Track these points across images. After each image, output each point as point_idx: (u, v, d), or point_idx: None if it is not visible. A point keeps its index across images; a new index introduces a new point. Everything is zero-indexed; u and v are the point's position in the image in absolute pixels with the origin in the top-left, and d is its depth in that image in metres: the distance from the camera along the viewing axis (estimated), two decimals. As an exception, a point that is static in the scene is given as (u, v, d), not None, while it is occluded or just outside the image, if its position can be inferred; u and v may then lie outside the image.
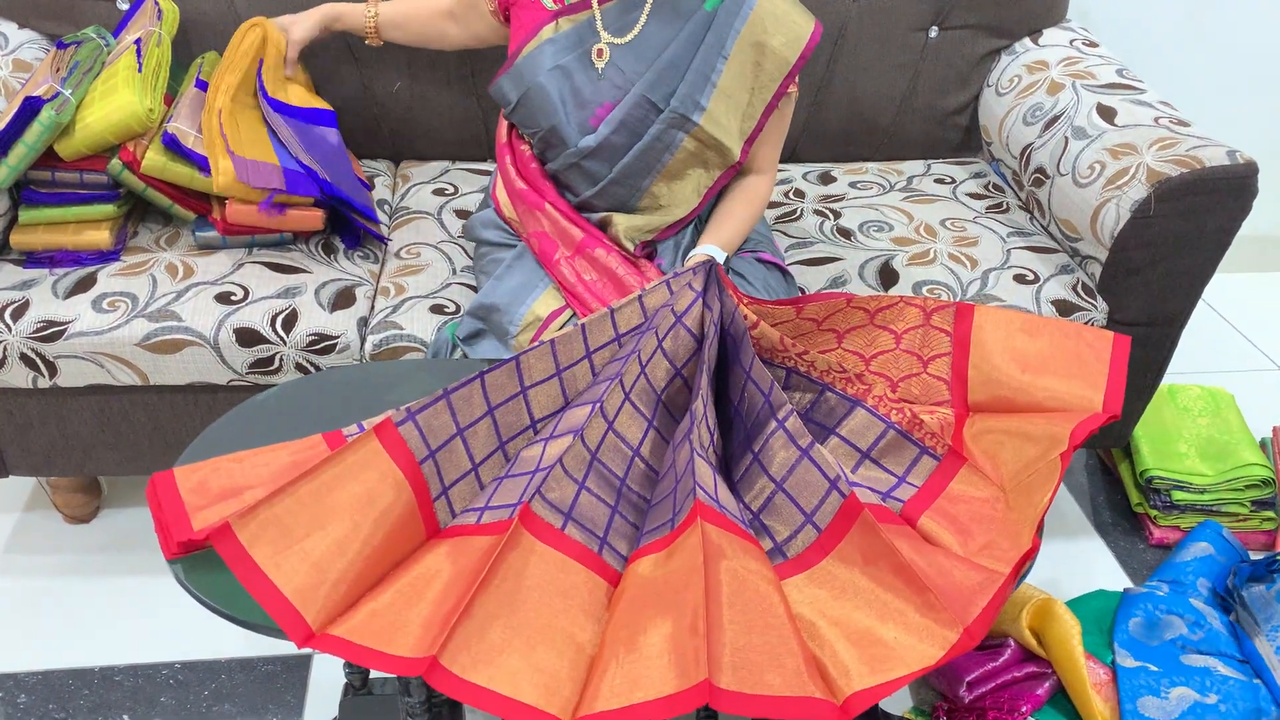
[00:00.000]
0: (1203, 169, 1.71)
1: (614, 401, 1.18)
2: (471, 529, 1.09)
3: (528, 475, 1.12)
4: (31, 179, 1.73)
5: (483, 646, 0.98)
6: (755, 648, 0.97)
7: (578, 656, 1.01)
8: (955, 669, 1.66)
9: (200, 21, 2.00)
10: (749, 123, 1.61)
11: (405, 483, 1.09)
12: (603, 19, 1.56)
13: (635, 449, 1.20)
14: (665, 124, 1.56)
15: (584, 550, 1.10)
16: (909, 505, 1.17)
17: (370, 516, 1.06)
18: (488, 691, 0.95)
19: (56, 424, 1.77)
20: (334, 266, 1.81)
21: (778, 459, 1.16)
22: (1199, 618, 1.69)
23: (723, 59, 1.55)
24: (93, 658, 1.74)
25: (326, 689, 1.70)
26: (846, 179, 2.19)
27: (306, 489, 1.05)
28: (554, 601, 1.04)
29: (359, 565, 1.04)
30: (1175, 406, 2.16)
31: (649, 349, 1.23)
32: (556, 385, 1.23)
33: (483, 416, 1.18)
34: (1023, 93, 2.09)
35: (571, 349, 1.25)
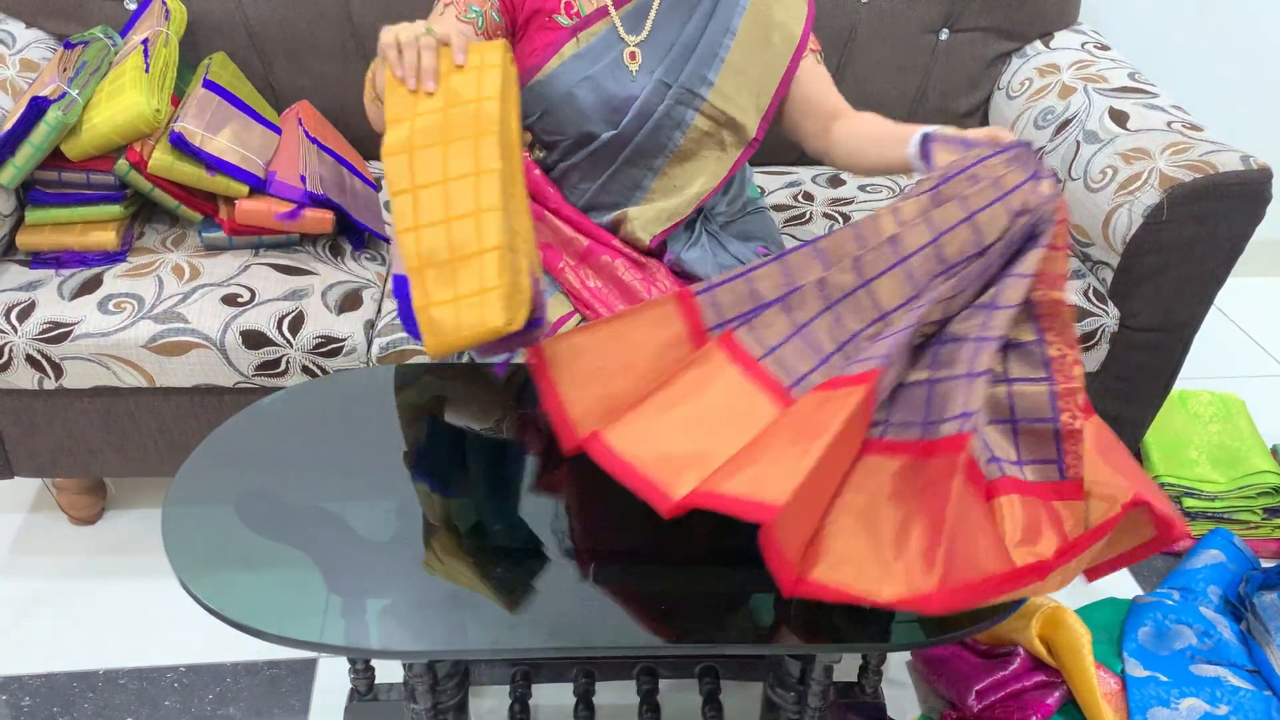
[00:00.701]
0: (1216, 174, 1.69)
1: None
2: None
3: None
4: (38, 179, 1.73)
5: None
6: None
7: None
8: (964, 677, 1.65)
9: (208, 22, 1.99)
10: (764, 98, 1.60)
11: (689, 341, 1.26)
12: (623, 24, 1.55)
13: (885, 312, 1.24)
14: (674, 100, 1.55)
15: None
16: (1004, 482, 1.17)
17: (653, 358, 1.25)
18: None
19: (62, 425, 1.76)
20: (341, 268, 1.80)
21: (957, 359, 1.18)
22: (1209, 627, 1.68)
23: (730, 35, 1.55)
24: (97, 660, 1.73)
25: (331, 694, 1.69)
26: (856, 182, 2.18)
27: (605, 332, 1.26)
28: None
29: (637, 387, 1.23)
30: (1186, 413, 2.14)
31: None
32: (851, 269, 1.24)
33: (777, 300, 1.27)
34: (1034, 96, 2.08)
35: (880, 227, 1.26)
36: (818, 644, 1.17)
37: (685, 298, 1.26)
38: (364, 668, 1.50)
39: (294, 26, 2.01)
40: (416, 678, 1.33)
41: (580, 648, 1.12)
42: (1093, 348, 1.82)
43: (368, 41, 2.03)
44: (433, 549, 1.20)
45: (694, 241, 1.65)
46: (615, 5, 1.55)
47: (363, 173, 2.02)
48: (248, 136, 1.80)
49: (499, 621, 1.11)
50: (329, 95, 2.08)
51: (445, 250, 1.17)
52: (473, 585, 1.15)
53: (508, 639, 1.10)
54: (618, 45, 1.56)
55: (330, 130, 2.04)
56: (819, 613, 1.15)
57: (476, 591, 1.14)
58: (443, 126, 1.22)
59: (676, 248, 1.64)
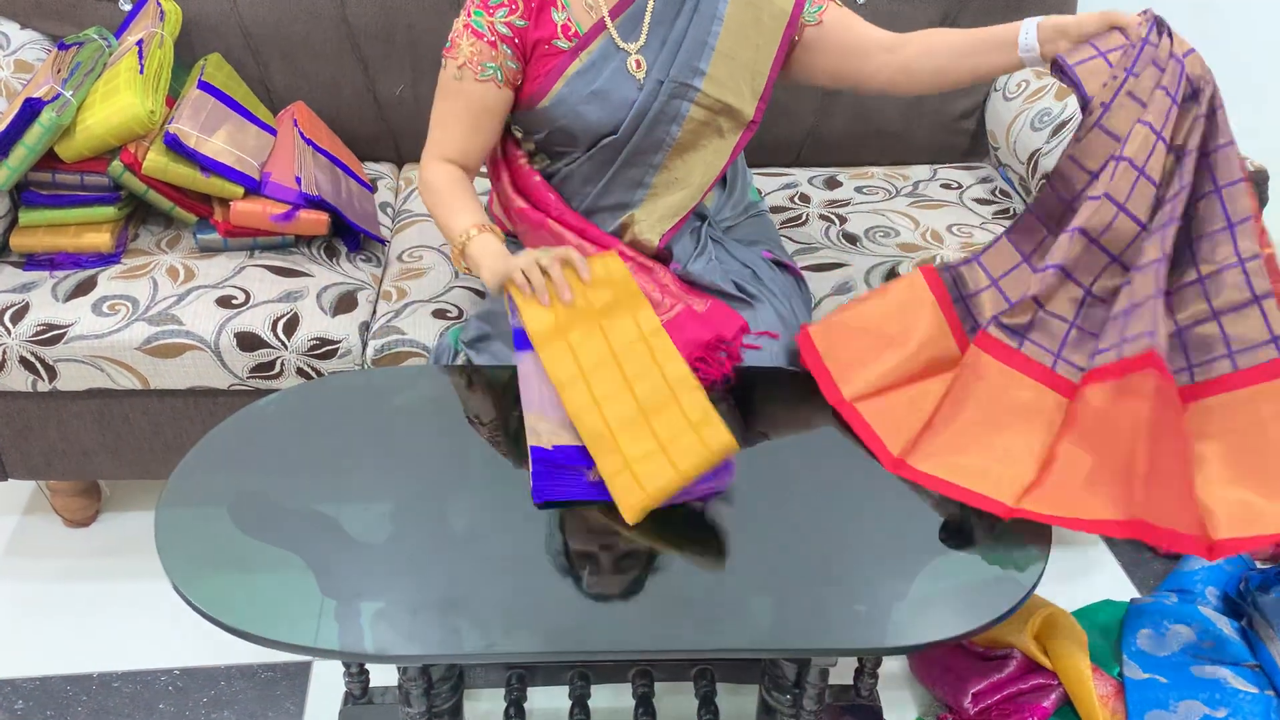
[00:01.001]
0: (1213, 176, 1.69)
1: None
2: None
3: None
4: (32, 181, 1.72)
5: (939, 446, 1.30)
6: (1168, 499, 1.17)
7: (1024, 458, 1.28)
8: (960, 679, 1.64)
9: (203, 23, 1.99)
10: (760, 80, 1.58)
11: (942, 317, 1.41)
12: (619, 33, 1.54)
13: (1115, 256, 1.33)
14: (667, 95, 1.54)
15: (1038, 367, 1.34)
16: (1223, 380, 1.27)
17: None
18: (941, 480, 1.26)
19: (56, 428, 1.75)
20: (336, 270, 1.79)
21: (1225, 292, 1.26)
22: (1207, 624, 1.68)
23: (718, 21, 1.54)
24: (91, 664, 1.73)
25: (326, 697, 1.68)
26: (852, 183, 2.17)
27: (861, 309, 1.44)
28: (1002, 416, 1.31)
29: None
30: (1183, 414, 2.14)
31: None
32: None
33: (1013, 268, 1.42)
34: (1030, 97, 2.07)
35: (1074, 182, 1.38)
36: (813, 647, 1.17)
37: (928, 271, 1.43)
38: (358, 671, 1.49)
39: (289, 28, 2.01)
40: (411, 681, 1.33)
41: (575, 652, 1.12)
42: (1089, 350, 1.82)
43: (363, 42, 2.03)
44: (427, 552, 1.19)
45: (700, 251, 1.64)
46: (611, 16, 1.54)
47: (358, 174, 2.01)
48: (243, 138, 1.79)
49: (494, 625, 1.11)
50: (324, 96, 2.08)
51: (634, 410, 1.26)
52: (468, 588, 1.14)
53: (502, 643, 1.09)
54: (618, 55, 1.55)
55: (325, 132, 2.04)
56: (814, 615, 1.15)
57: (471, 595, 1.14)
58: (590, 309, 1.34)
59: (683, 257, 1.63)
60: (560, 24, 1.53)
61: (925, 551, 1.22)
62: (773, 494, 1.28)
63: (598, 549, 1.20)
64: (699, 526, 1.23)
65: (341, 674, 1.54)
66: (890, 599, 1.16)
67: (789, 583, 1.18)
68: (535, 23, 1.53)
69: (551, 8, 1.53)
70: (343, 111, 2.10)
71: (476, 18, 1.50)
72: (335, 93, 2.08)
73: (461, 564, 1.18)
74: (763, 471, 1.31)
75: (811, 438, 1.40)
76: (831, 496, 1.30)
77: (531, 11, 1.52)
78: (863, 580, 1.19)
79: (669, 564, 1.20)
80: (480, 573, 1.17)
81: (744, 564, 1.19)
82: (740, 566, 1.19)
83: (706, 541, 1.22)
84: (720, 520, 1.24)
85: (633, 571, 1.18)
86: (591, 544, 1.21)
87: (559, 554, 1.20)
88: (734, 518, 1.24)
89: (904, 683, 1.76)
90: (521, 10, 1.51)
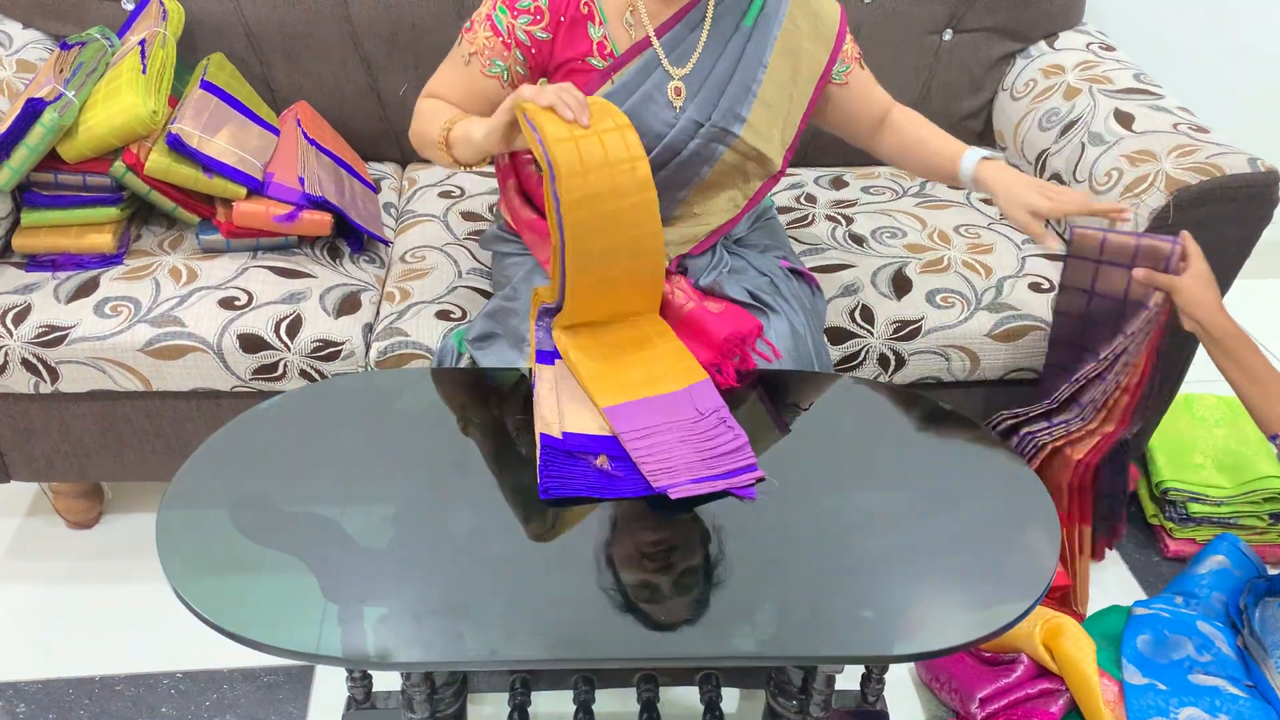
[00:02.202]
0: (1223, 177, 1.68)
1: None
2: None
3: None
4: (34, 181, 1.71)
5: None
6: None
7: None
8: (967, 685, 1.63)
9: (205, 22, 1.98)
10: (790, 130, 1.59)
11: None
12: (667, 55, 1.51)
13: None
14: (706, 138, 1.52)
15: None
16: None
17: None
18: None
19: (59, 430, 1.75)
20: (339, 271, 1.79)
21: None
22: (1206, 641, 1.66)
23: (763, 68, 1.53)
24: (94, 666, 1.72)
25: (329, 701, 1.68)
26: (859, 183, 2.16)
27: None
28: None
29: None
30: (1192, 416, 2.13)
31: None
32: None
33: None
34: (1038, 97, 2.06)
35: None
36: (819, 655, 1.16)
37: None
38: (361, 676, 1.48)
39: (292, 27, 2.00)
40: (414, 686, 1.32)
41: (580, 659, 1.11)
42: (1098, 352, 1.80)
43: (366, 42, 2.02)
44: (431, 557, 1.18)
45: (715, 262, 1.63)
46: (658, 34, 1.50)
47: (361, 174, 2.00)
48: (245, 138, 1.78)
49: (498, 631, 1.10)
50: (327, 96, 2.07)
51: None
52: (472, 593, 1.13)
53: (506, 649, 1.08)
54: (659, 77, 1.51)
55: (329, 131, 2.03)
56: (820, 622, 1.13)
57: (475, 600, 1.13)
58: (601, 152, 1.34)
59: (698, 270, 1.61)
60: (596, 41, 1.49)
61: (933, 558, 1.21)
62: (779, 499, 1.27)
63: (603, 555, 1.19)
64: (705, 533, 1.22)
65: (344, 678, 1.54)
66: (898, 606, 1.15)
67: (795, 589, 1.17)
68: (565, 39, 1.49)
69: (589, 22, 1.49)
70: (346, 111, 2.09)
71: (500, 14, 1.47)
72: (338, 92, 2.07)
73: (465, 568, 1.17)
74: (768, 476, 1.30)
75: (819, 443, 1.39)
76: (839, 502, 1.29)
77: (559, 26, 1.48)
78: (870, 587, 1.18)
79: (675, 570, 1.19)
80: (484, 577, 1.16)
81: (750, 570, 1.18)
82: (746, 573, 1.17)
83: (712, 548, 1.21)
84: (726, 526, 1.23)
85: (638, 577, 1.17)
86: (597, 550, 1.20)
87: (564, 559, 1.18)
88: (740, 524, 1.23)
89: (911, 688, 1.75)
90: (546, 22, 1.47)
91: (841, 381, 1.51)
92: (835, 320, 1.75)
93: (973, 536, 1.23)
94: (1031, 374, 1.82)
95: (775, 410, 1.43)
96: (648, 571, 1.18)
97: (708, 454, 1.29)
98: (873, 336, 1.75)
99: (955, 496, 1.29)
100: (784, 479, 1.29)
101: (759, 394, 1.44)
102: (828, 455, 1.37)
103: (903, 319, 1.75)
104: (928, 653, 1.13)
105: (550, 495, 1.23)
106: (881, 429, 1.42)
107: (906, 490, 1.30)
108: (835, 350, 1.75)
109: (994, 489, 1.31)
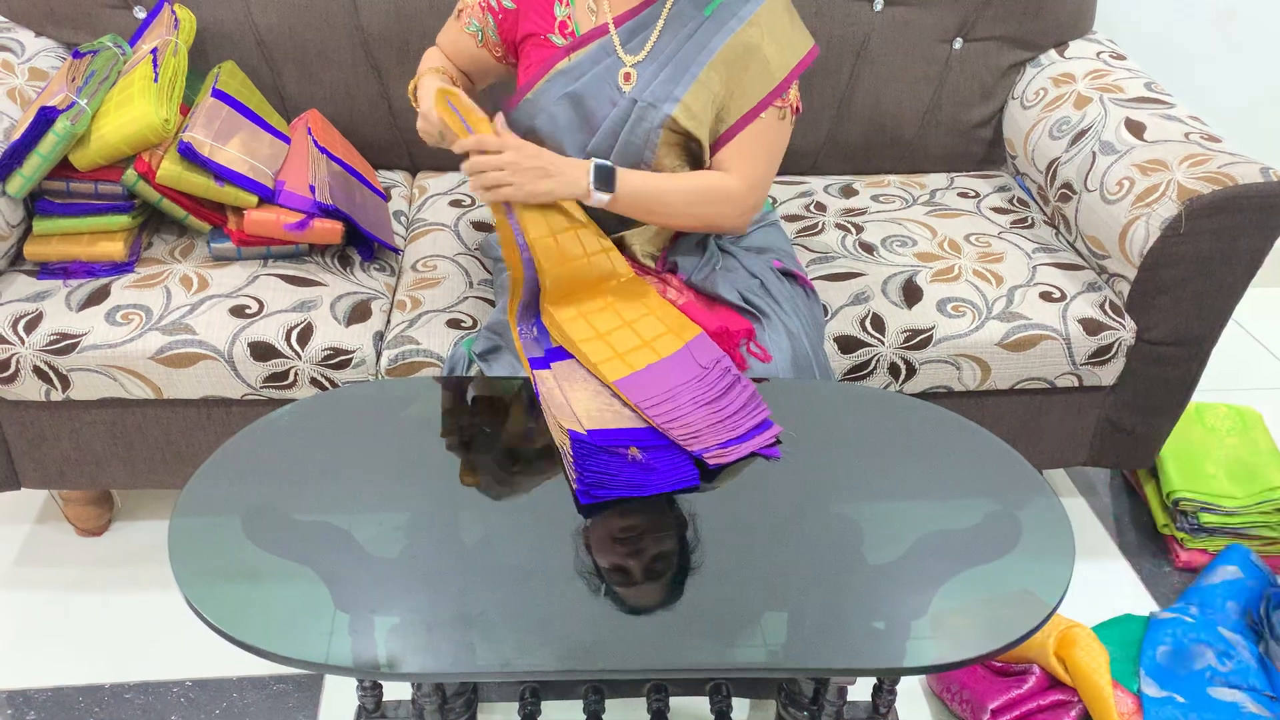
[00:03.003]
0: (1235, 187, 1.67)
1: None
2: None
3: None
4: (46, 189, 1.72)
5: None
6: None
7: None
8: (979, 696, 1.63)
9: (217, 31, 1.98)
10: (721, 124, 1.57)
11: None
12: (622, 43, 1.54)
13: None
14: (637, 116, 1.53)
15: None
16: None
17: None
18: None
19: (69, 437, 1.75)
20: (350, 279, 1.79)
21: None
22: (1228, 647, 1.66)
23: (708, 52, 1.52)
24: (103, 674, 1.72)
25: (339, 711, 1.67)
26: (869, 192, 2.16)
27: None
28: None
29: None
30: (1203, 426, 2.12)
31: None
32: None
33: None
34: (1049, 106, 2.06)
35: None
36: (831, 666, 1.15)
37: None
38: (371, 686, 1.48)
39: (303, 35, 2.00)
40: (425, 697, 1.32)
41: (590, 670, 1.10)
42: (1109, 361, 1.80)
43: (377, 50, 2.02)
44: (441, 566, 1.18)
45: (706, 260, 1.63)
46: (615, 23, 1.54)
47: (372, 182, 2.01)
48: (256, 146, 1.79)
49: (508, 642, 1.10)
50: (338, 104, 2.07)
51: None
52: (482, 604, 1.13)
53: (517, 660, 1.08)
54: (611, 63, 1.54)
55: (339, 139, 2.03)
56: (832, 632, 1.13)
57: (486, 610, 1.12)
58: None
59: (689, 268, 1.62)
60: (560, 19, 1.54)
61: (946, 568, 1.20)
62: (790, 509, 1.26)
63: (614, 564, 1.19)
64: (716, 542, 1.22)
65: (355, 688, 1.53)
66: (910, 617, 1.15)
67: (806, 599, 1.16)
68: (529, 11, 1.57)
69: (556, 1, 1.55)
70: (356, 119, 2.09)
71: None
72: (349, 100, 2.07)
73: (476, 578, 1.16)
74: (780, 486, 1.29)
75: (829, 452, 1.39)
76: (850, 511, 1.29)
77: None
78: (882, 597, 1.17)
79: (685, 580, 1.18)
80: (495, 587, 1.15)
81: (761, 580, 1.17)
82: (758, 583, 1.17)
83: (724, 558, 1.20)
84: (738, 536, 1.22)
85: (649, 587, 1.17)
86: (608, 559, 1.19)
87: (574, 569, 1.18)
88: (751, 534, 1.23)
89: (922, 698, 1.74)
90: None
91: (851, 389, 1.51)
92: (845, 329, 1.75)
93: (985, 546, 1.23)
94: (1043, 384, 1.81)
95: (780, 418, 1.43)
96: (659, 581, 1.18)
97: (725, 414, 1.33)
98: (883, 345, 1.75)
99: (967, 506, 1.29)
100: (794, 488, 1.29)
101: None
102: (838, 464, 1.37)
103: (913, 328, 1.75)
104: (941, 665, 1.12)
105: (592, 499, 1.22)
106: (893, 438, 1.41)
107: (917, 499, 1.30)
108: (845, 359, 1.74)
109: (1007, 499, 1.30)
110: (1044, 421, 1.89)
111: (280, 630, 1.09)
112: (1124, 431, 1.91)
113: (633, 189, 1.51)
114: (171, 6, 1.90)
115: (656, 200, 1.53)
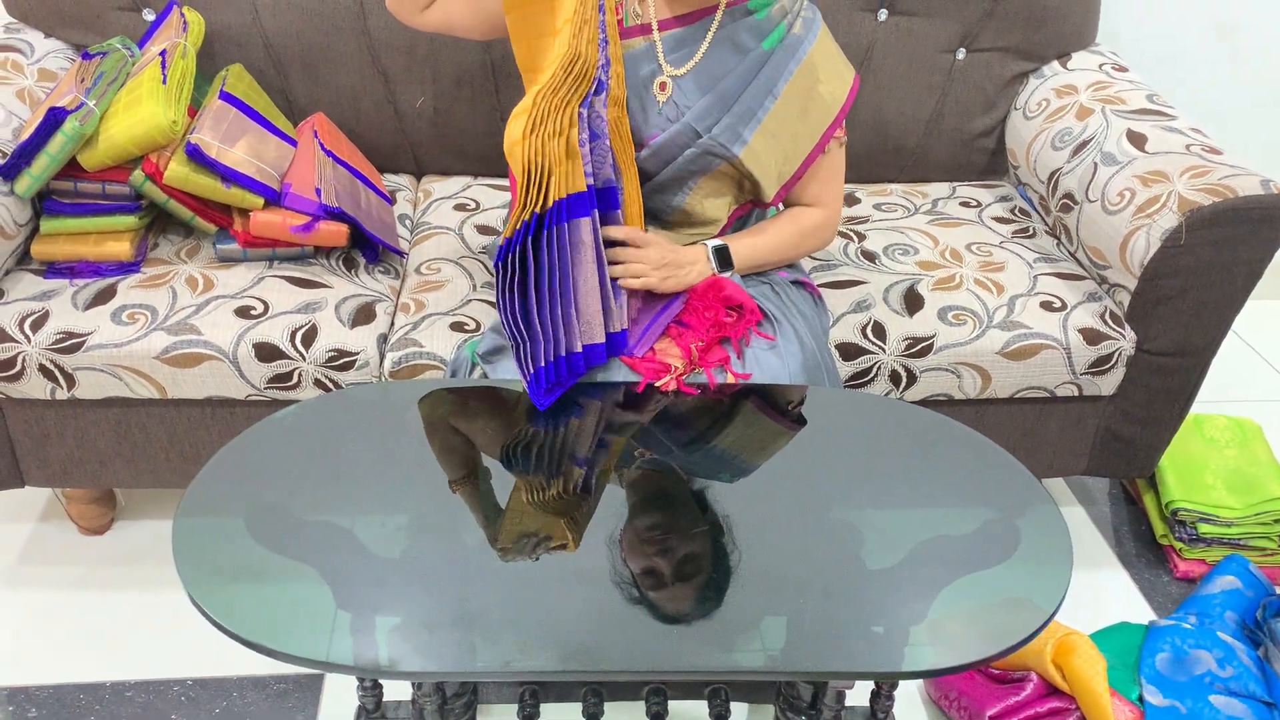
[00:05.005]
0: (1236, 198, 1.68)
1: None
2: None
3: None
4: (54, 189, 1.73)
5: None
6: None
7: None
8: (977, 702, 1.63)
9: (225, 33, 2.00)
10: (788, 166, 1.60)
11: None
12: (664, 45, 1.55)
13: None
14: (702, 149, 1.55)
15: None
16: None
17: None
18: None
19: (74, 436, 1.76)
20: (354, 281, 1.80)
21: None
22: (1228, 652, 1.66)
23: (772, 98, 1.54)
24: (104, 673, 1.73)
25: (339, 710, 1.68)
26: (871, 200, 2.17)
27: None
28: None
29: None
30: (1202, 437, 2.13)
31: None
32: None
33: None
34: (1051, 116, 2.07)
35: None
36: (830, 669, 1.16)
37: None
38: (372, 685, 1.49)
39: (310, 39, 2.01)
40: (425, 697, 1.33)
41: (591, 671, 1.11)
42: (1109, 371, 1.81)
43: (383, 54, 2.03)
44: (443, 567, 1.19)
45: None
46: (661, 28, 1.54)
47: (377, 185, 2.02)
48: (263, 148, 1.80)
49: (509, 642, 1.10)
50: (345, 107, 2.08)
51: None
52: (483, 604, 1.14)
53: (518, 661, 1.09)
54: (653, 69, 1.55)
55: (345, 143, 2.04)
56: (830, 636, 1.14)
57: (487, 611, 1.13)
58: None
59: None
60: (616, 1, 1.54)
61: (944, 573, 1.21)
62: (789, 513, 1.27)
63: (614, 567, 1.20)
64: (716, 545, 1.23)
65: (355, 687, 1.54)
66: (909, 621, 1.16)
67: (805, 603, 1.17)
68: None
69: None
70: (363, 123, 2.10)
71: None
72: (355, 104, 2.08)
73: (477, 579, 1.17)
74: (779, 490, 1.30)
75: (828, 457, 1.39)
76: (849, 516, 1.30)
77: None
78: (881, 601, 1.18)
79: (685, 583, 1.19)
80: (496, 588, 1.16)
81: (760, 584, 1.18)
82: (757, 586, 1.18)
83: (722, 560, 1.21)
84: (737, 539, 1.23)
85: (649, 590, 1.17)
86: (608, 562, 1.20)
87: (576, 571, 1.19)
88: (751, 536, 1.23)
89: (919, 704, 1.74)
90: None
91: (851, 396, 1.51)
92: (847, 336, 1.76)
93: (984, 552, 1.23)
94: (1043, 393, 1.82)
95: (784, 423, 1.44)
96: (659, 584, 1.18)
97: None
98: (884, 353, 1.75)
99: (966, 512, 1.30)
100: (794, 493, 1.30)
101: (766, 406, 1.45)
102: (837, 469, 1.37)
103: (914, 336, 1.76)
104: (939, 670, 1.13)
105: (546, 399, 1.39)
106: (892, 444, 1.42)
107: (917, 505, 1.30)
108: (847, 366, 1.75)
109: (1005, 505, 1.31)
110: (1044, 430, 1.90)
111: (282, 628, 1.10)
112: (1123, 441, 1.92)
113: (746, 258, 1.62)
114: (180, 9, 1.92)
115: (769, 255, 1.65)
